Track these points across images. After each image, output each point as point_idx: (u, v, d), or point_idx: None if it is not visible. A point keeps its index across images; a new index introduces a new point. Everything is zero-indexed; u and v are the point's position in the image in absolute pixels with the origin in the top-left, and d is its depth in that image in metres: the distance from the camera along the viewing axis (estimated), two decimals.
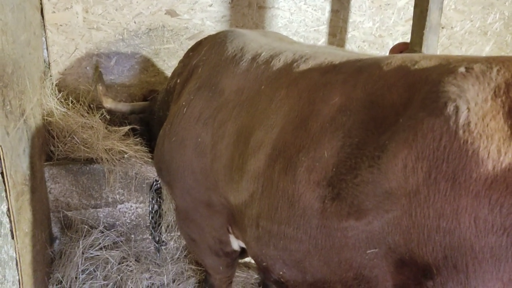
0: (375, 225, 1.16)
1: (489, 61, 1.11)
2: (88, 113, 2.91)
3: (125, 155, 2.79)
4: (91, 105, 3.05)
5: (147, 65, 3.29)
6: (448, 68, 1.14)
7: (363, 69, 1.38)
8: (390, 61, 1.33)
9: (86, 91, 3.15)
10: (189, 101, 2.01)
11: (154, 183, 2.89)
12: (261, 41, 1.98)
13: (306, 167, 1.34)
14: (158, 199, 2.89)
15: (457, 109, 1.04)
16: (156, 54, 3.28)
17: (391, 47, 3.45)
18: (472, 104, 1.04)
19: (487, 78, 1.06)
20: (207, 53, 2.14)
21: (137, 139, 2.93)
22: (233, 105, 1.77)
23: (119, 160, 2.77)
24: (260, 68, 1.76)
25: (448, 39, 3.71)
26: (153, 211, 2.90)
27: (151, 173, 2.86)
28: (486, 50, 3.77)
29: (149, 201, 2.89)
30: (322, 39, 3.54)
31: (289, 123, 1.46)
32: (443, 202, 1.03)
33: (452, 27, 3.67)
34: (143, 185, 2.89)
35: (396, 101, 1.21)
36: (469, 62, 1.13)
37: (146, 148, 2.90)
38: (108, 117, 2.92)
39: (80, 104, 2.98)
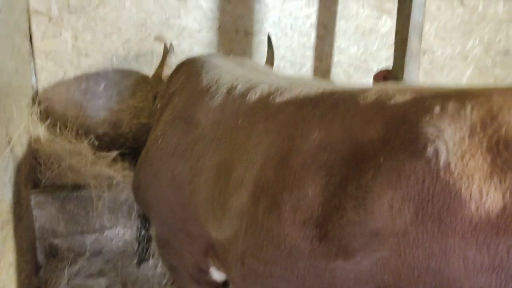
0: (363, 265, 1.15)
1: (463, 98, 1.11)
2: (76, 139, 2.91)
3: (114, 181, 2.79)
4: (79, 131, 3.05)
5: (135, 90, 3.31)
6: (424, 106, 1.15)
7: (339, 103, 1.38)
8: (366, 95, 1.33)
9: (74, 116, 3.15)
10: (164, 132, 2.03)
11: None
12: (237, 72, 1.99)
13: (290, 206, 1.32)
14: (146, 224, 2.87)
15: (436, 150, 1.04)
16: (145, 79, 3.31)
17: (375, 71, 3.54)
18: (451, 144, 1.04)
19: (462, 117, 1.07)
20: (184, 82, 2.17)
21: (126, 164, 2.94)
22: (210, 138, 1.77)
23: (107, 186, 2.77)
24: (236, 102, 1.76)
25: (430, 64, 3.82)
26: (141, 237, 2.88)
27: None
28: (467, 74, 3.89)
29: (137, 226, 2.87)
30: (308, 64, 3.61)
31: (269, 160, 1.45)
32: (432, 242, 1.02)
33: (433, 52, 3.79)
34: (131, 211, 2.87)
35: (374, 137, 1.20)
36: (444, 98, 1.14)
37: None
38: (96, 143, 2.93)
39: (68, 131, 2.98)
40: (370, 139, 1.21)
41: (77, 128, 3.08)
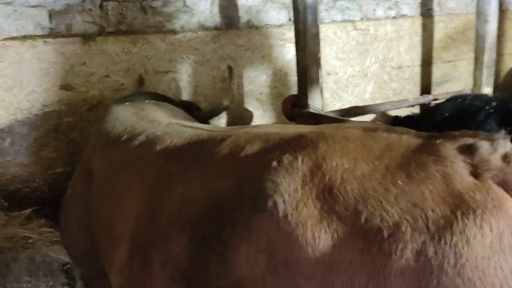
0: None
1: (295, 150, 1.22)
2: None
3: (30, 240, 2.69)
4: None
5: (46, 141, 3.22)
6: (264, 161, 1.25)
7: (200, 157, 1.46)
8: (220, 148, 1.41)
9: None
10: (74, 181, 2.15)
11: (66, 264, 2.80)
12: (129, 121, 2.03)
13: (159, 262, 1.38)
14: (70, 281, 2.79)
15: (275, 203, 1.14)
16: (55, 129, 3.23)
17: (285, 97, 3.75)
18: (286, 196, 1.14)
19: (295, 169, 1.17)
20: (93, 131, 2.24)
21: (42, 221, 2.85)
22: (103, 190, 1.84)
23: (23, 247, 2.67)
24: (120, 154, 1.83)
25: (335, 84, 4.11)
26: None
27: (61, 253, 2.77)
28: (369, 89, 4.23)
29: (60, 284, 2.78)
30: (221, 95, 3.73)
31: (141, 216, 1.51)
32: (285, 286, 1.12)
33: (336, 73, 4.08)
34: (52, 268, 2.78)
35: (229, 192, 1.29)
36: (281, 151, 1.24)
37: (52, 228, 2.82)
38: (6, 204, 2.81)
39: None
40: (226, 194, 1.30)
41: None
